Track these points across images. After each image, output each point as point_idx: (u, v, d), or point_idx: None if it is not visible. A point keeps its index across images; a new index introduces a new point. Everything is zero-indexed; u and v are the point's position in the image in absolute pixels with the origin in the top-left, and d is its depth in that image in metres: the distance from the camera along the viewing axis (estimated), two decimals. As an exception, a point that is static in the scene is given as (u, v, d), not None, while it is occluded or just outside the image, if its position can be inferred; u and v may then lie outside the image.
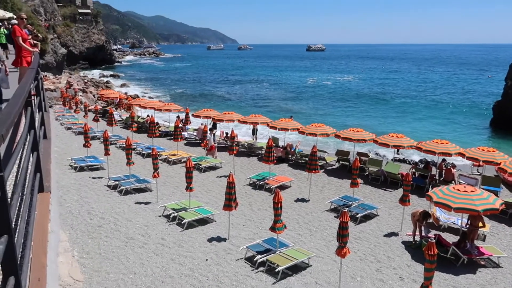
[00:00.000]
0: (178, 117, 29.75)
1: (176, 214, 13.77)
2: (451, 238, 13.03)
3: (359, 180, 15.76)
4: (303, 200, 16.59)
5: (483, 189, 15.33)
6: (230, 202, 12.11)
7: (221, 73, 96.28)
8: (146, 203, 15.24)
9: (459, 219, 13.60)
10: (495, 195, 13.34)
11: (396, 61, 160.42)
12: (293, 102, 54.16)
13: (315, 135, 20.79)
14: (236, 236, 12.79)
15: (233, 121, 25.05)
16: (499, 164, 15.99)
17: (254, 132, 26.30)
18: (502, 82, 35.66)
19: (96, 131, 25.49)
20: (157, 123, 27.05)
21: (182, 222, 13.29)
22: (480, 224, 12.22)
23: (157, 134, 23.44)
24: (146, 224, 13.36)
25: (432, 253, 8.23)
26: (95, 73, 79.36)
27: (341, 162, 21.82)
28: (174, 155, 21.56)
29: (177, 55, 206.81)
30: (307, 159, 19.01)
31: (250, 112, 32.33)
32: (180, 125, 22.09)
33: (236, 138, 19.45)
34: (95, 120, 26.38)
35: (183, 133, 24.45)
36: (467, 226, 12.48)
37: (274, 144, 18.37)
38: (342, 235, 9.46)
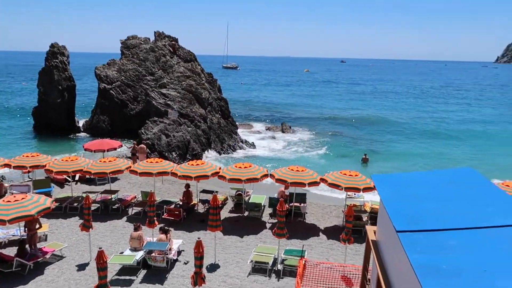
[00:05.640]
0: None
1: None
2: (15, 250, 12.76)
3: None
4: None
5: (36, 193, 15.94)
6: None
7: None
8: None
9: (18, 230, 13.52)
10: (46, 195, 14.17)
11: None
12: None
13: None
14: None
15: None
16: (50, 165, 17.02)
17: None
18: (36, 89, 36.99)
19: None
20: None
21: None
22: (38, 226, 12.75)
23: None
24: None
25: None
26: None
27: None
28: None
29: None
30: None
31: None
32: None
33: None
34: None
35: None
36: (26, 233, 12.68)
37: None
38: None
